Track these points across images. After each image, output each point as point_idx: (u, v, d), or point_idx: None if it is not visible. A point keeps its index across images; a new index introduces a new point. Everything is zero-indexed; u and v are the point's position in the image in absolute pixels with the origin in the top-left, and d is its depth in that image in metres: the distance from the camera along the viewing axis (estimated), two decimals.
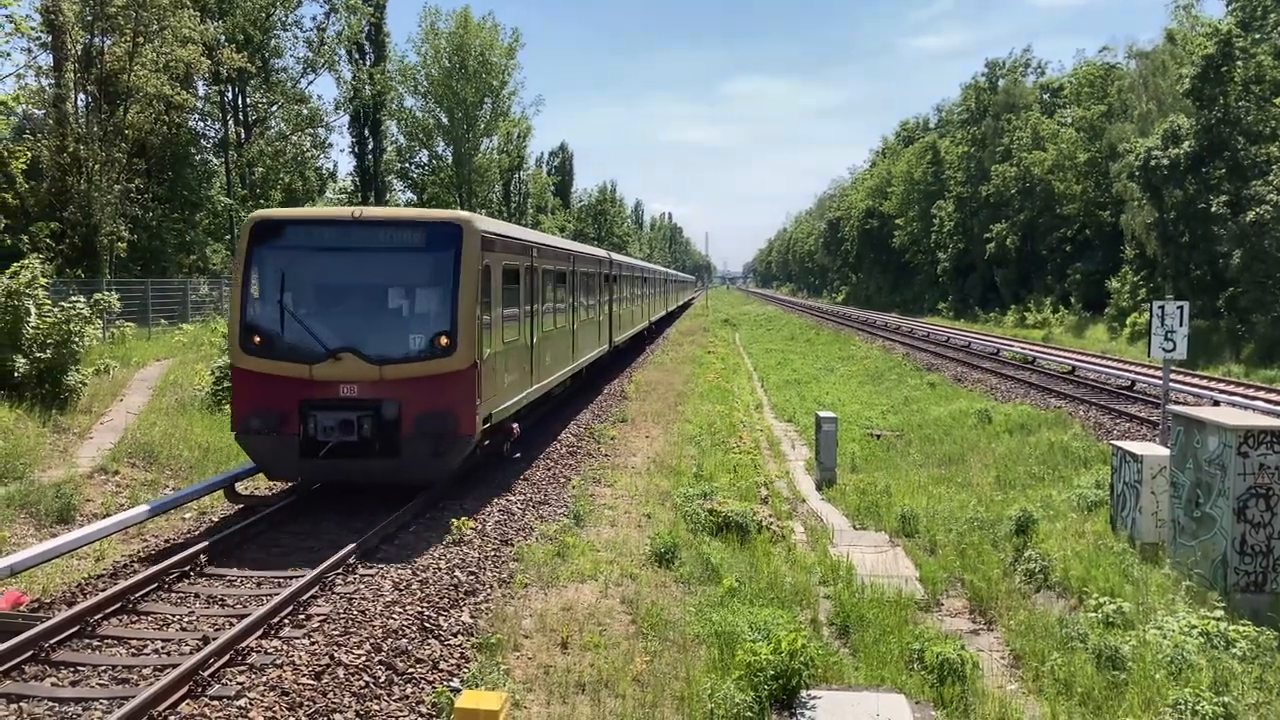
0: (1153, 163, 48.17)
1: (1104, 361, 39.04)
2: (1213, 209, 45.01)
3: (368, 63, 56.82)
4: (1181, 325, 16.35)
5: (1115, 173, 59.02)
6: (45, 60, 33.11)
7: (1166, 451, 13.49)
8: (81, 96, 33.75)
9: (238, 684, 8.57)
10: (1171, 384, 18.30)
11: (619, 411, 25.54)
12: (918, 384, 35.99)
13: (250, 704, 8.16)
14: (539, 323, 19.40)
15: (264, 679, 8.61)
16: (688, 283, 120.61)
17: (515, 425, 17.38)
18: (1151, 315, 16.80)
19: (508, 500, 15.70)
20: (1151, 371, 31.84)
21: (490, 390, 15.21)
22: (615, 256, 36.44)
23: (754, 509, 15.11)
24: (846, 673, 9.59)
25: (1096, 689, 9.12)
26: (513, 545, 13.18)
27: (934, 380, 36.44)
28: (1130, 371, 33.51)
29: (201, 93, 43.70)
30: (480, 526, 13.89)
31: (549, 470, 18.31)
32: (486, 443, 16.09)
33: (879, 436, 24.28)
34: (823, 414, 19.44)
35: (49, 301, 20.44)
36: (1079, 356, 41.43)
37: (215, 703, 8.16)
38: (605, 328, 31.13)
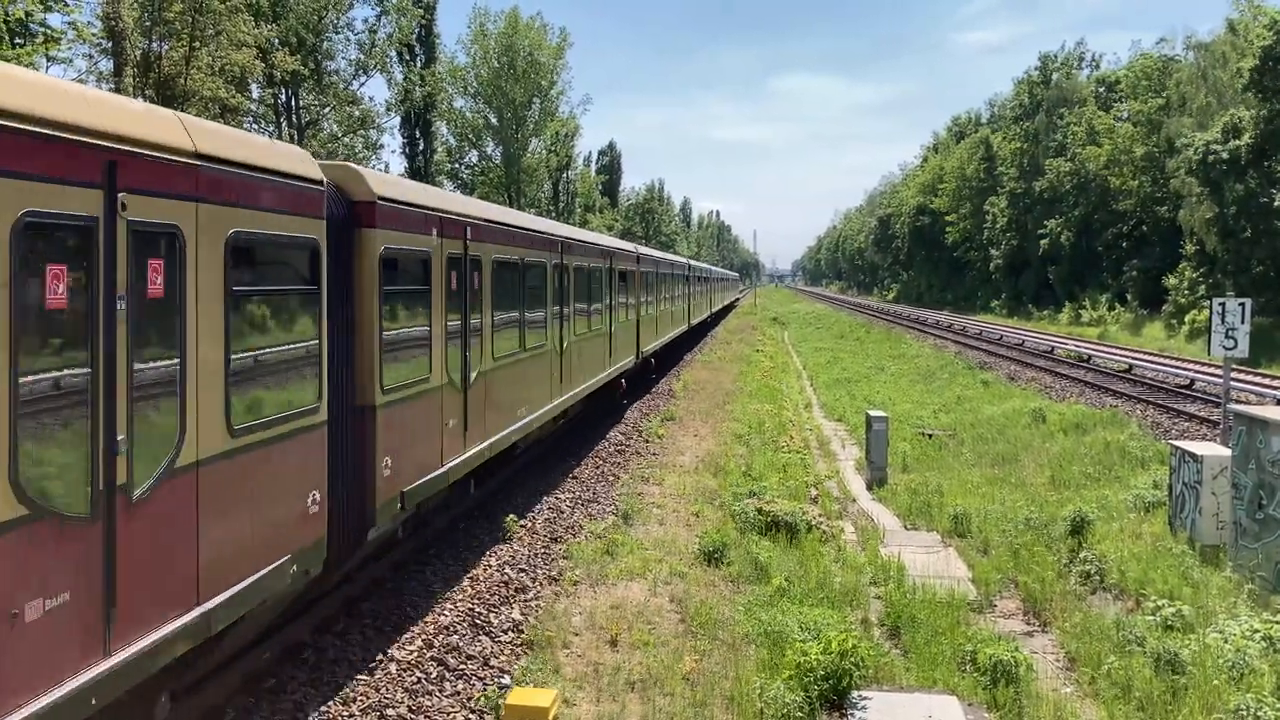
0: (1211, 157, 47.12)
1: (1162, 360, 38.27)
2: (1275, 203, 43.92)
3: (418, 64, 57.39)
4: (1243, 322, 15.99)
5: (1173, 168, 57.84)
6: (106, 65, 33.85)
7: (1228, 452, 13.19)
8: (140, 100, 34.39)
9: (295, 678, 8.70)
10: (1233, 382, 17.93)
11: (667, 410, 25.53)
12: (970, 383, 35.56)
13: (305, 699, 8.28)
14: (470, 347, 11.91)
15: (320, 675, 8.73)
16: (730, 281, 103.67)
17: None
18: (1211, 312, 16.45)
19: (556, 498, 15.77)
20: (1211, 370, 31.15)
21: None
22: (641, 250, 30.08)
23: (803, 508, 15.04)
24: (898, 673, 9.51)
25: (1155, 693, 8.95)
26: (562, 543, 13.23)
27: (987, 379, 35.98)
28: (1189, 370, 32.81)
29: (255, 96, 44.41)
30: (530, 524, 13.97)
31: (597, 468, 18.35)
32: None
33: (931, 436, 24.03)
34: (873, 413, 19.28)
35: None
36: (1136, 354, 40.66)
37: (271, 696, 8.28)
38: (622, 339, 24.40)
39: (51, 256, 5.24)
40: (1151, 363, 36.58)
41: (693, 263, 53.12)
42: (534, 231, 15.39)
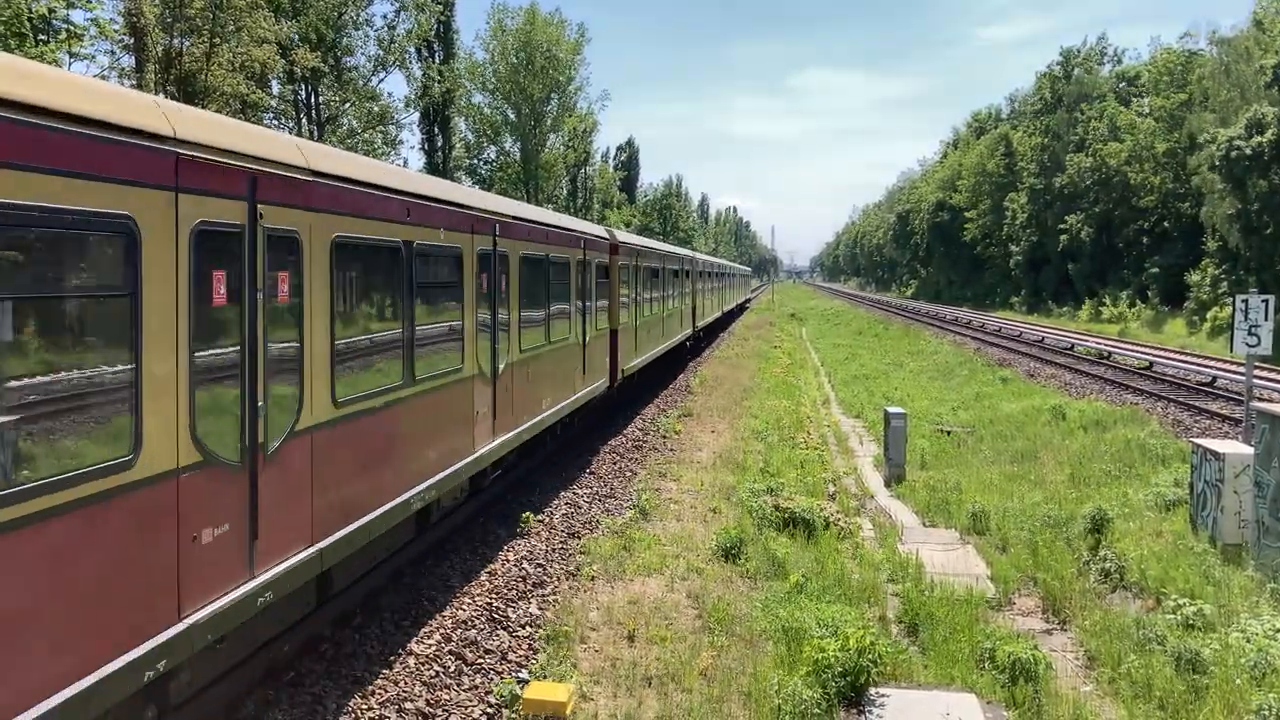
0: (1235, 153, 46.72)
1: (1183, 357, 37.98)
2: None
3: (437, 60, 57.53)
4: (1266, 319, 15.84)
5: (1195, 164, 57.36)
6: (127, 62, 34.08)
7: (1250, 450, 13.09)
8: (162, 95, 34.64)
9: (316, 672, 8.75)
10: (1255, 380, 17.77)
11: (684, 406, 25.52)
12: (989, 379, 35.39)
13: (324, 692, 8.33)
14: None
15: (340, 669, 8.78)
16: (741, 278, 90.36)
17: None
18: (1234, 309, 16.30)
19: (574, 493, 15.79)
20: (1234, 367, 30.88)
21: None
22: (624, 237, 24.36)
23: (821, 505, 15.01)
24: (916, 671, 9.49)
25: (1176, 693, 8.89)
26: (579, 538, 13.25)
27: (1006, 376, 35.80)
28: (1211, 367, 32.54)
29: (276, 92, 44.60)
30: (547, 519, 14.00)
31: (614, 464, 18.37)
32: None
33: (949, 433, 23.93)
34: (891, 409, 19.22)
35: None
36: (1157, 352, 40.36)
37: (291, 688, 8.33)
38: (589, 357, 18.79)
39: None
40: (1173, 360, 36.31)
41: (698, 255, 46.00)
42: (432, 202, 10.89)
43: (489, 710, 8.31)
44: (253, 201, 6.90)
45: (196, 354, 6.29)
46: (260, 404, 7.00)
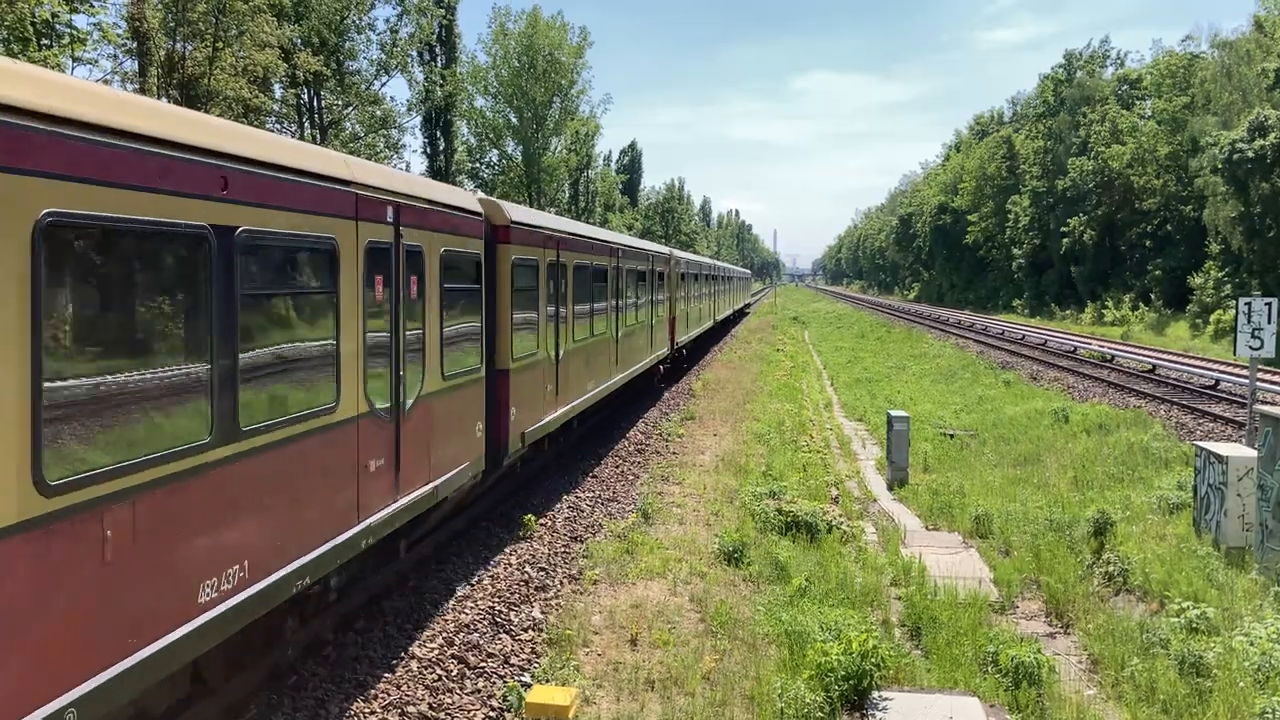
0: (1237, 155, 46.72)
1: (1186, 360, 37.94)
2: None
3: (439, 64, 57.60)
4: (1270, 322, 15.83)
5: (1197, 166, 57.35)
6: (130, 66, 34.14)
7: (1253, 453, 13.07)
8: (164, 99, 34.69)
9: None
10: (1259, 383, 17.76)
11: (687, 409, 25.52)
12: (992, 382, 35.38)
13: (327, 695, 8.33)
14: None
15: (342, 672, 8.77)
16: (740, 281, 79.50)
17: None
18: (1238, 312, 16.29)
19: (577, 497, 15.78)
20: (1237, 370, 30.86)
21: None
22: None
23: (824, 508, 15.00)
24: (919, 674, 9.48)
25: (1179, 696, 8.88)
26: (582, 542, 13.25)
27: (1009, 379, 35.78)
28: (1214, 370, 32.51)
29: (278, 95, 44.66)
30: (550, 523, 13.99)
31: (617, 468, 18.36)
32: None
33: (952, 436, 23.91)
34: (894, 413, 19.21)
35: None
36: (1160, 355, 40.32)
37: (294, 692, 8.33)
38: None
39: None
40: (1176, 363, 36.27)
41: (680, 254, 34.79)
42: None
43: (491, 714, 8.31)
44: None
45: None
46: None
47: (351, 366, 8.42)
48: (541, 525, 13.70)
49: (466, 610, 10.44)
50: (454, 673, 9.01)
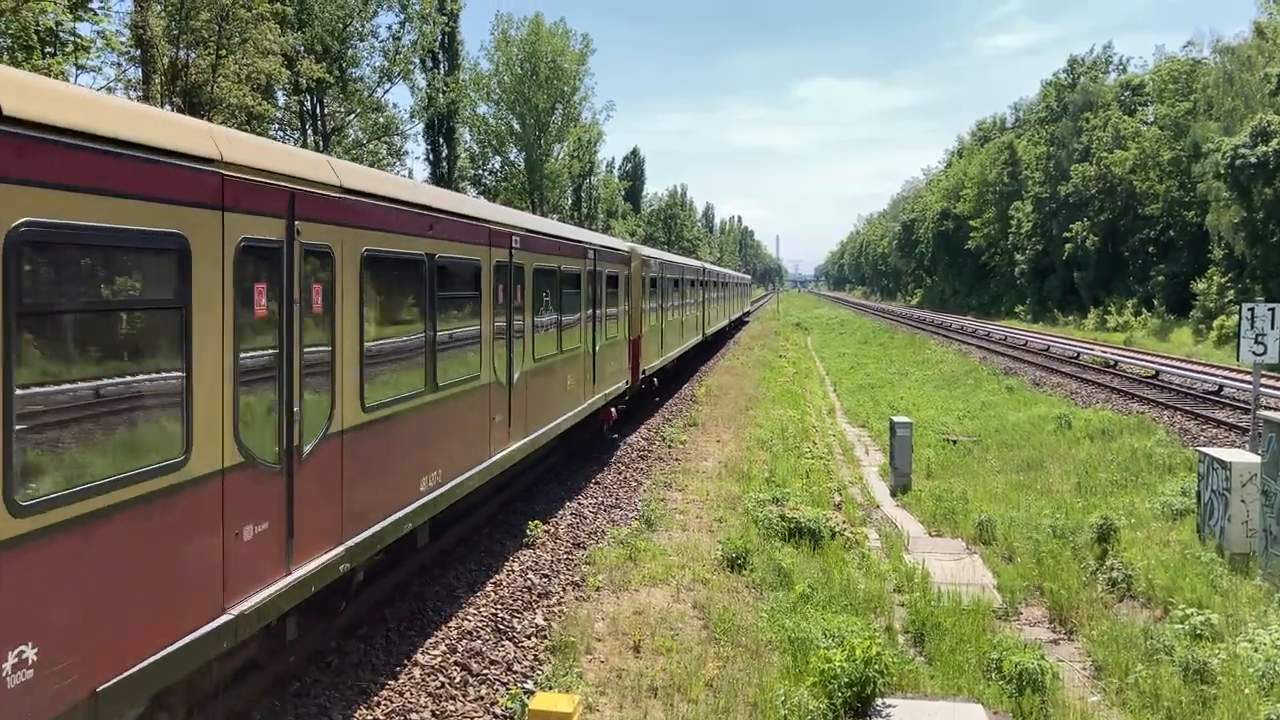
0: (1239, 161, 46.72)
1: (1189, 365, 37.91)
2: None
3: (442, 71, 57.71)
4: (1273, 328, 15.83)
5: (1200, 172, 57.35)
6: (134, 73, 34.22)
7: (1257, 459, 13.05)
8: (168, 107, 34.76)
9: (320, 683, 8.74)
10: (1262, 389, 17.73)
11: (689, 415, 25.51)
12: (995, 388, 35.35)
13: (330, 702, 8.33)
14: None
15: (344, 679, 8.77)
16: (739, 287, 70.64)
17: None
18: (1241, 318, 16.29)
19: (579, 503, 15.78)
20: (1240, 376, 30.82)
21: None
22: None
23: (827, 515, 14.98)
24: (922, 681, 9.46)
25: (1183, 703, 8.86)
26: (585, 548, 13.24)
27: (1012, 384, 35.76)
28: (1218, 376, 32.49)
29: (281, 103, 44.74)
30: (553, 530, 13.98)
31: (620, 474, 18.36)
32: None
33: (955, 442, 23.90)
34: (897, 419, 19.20)
35: None
36: (1163, 360, 40.29)
37: (297, 699, 8.33)
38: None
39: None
40: (1179, 368, 36.24)
41: (648, 252, 26.28)
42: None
43: None
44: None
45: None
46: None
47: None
48: (544, 532, 13.70)
49: (469, 617, 10.44)
50: (457, 680, 9.00)
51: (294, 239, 7.23)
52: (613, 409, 20.62)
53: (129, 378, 5.68)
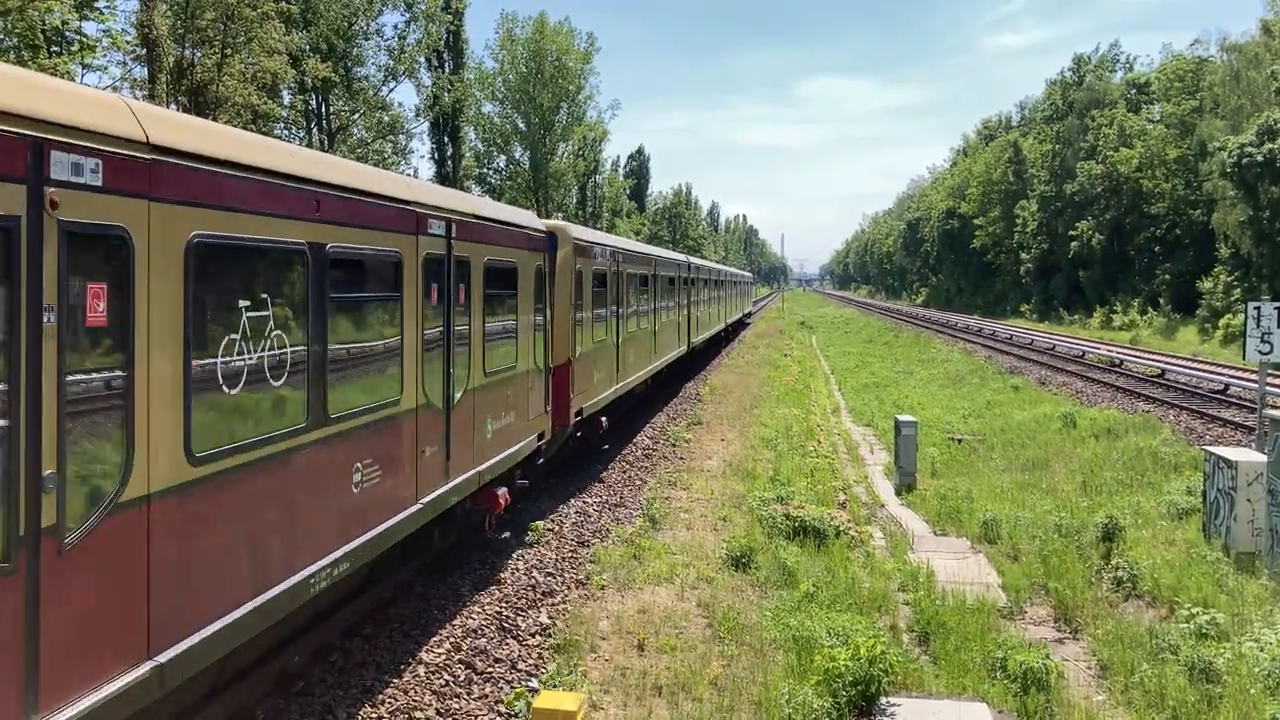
0: (1246, 159, 46.61)
1: (1195, 364, 37.82)
2: None
3: (447, 70, 57.73)
4: (1279, 327, 15.77)
5: (1206, 170, 57.22)
6: (139, 73, 34.26)
7: (1263, 457, 13.02)
8: (174, 106, 34.83)
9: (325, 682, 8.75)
10: (1268, 388, 17.68)
11: (694, 414, 25.51)
12: (1000, 387, 35.30)
13: (334, 701, 8.34)
14: None
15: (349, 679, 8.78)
16: (739, 285, 61.59)
17: None
18: (1247, 316, 16.23)
19: (584, 502, 15.78)
20: (1246, 375, 30.75)
21: None
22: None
23: (831, 513, 14.97)
24: (927, 680, 9.44)
25: (1189, 702, 8.83)
26: (589, 547, 13.24)
27: (1017, 384, 35.71)
28: (1223, 375, 32.41)
29: (286, 102, 44.78)
30: (557, 528, 13.99)
31: (624, 473, 18.36)
32: None
33: (960, 441, 23.86)
34: (902, 418, 19.17)
35: None
36: (1169, 359, 40.21)
37: (301, 698, 8.34)
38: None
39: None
40: (1184, 367, 36.16)
41: (581, 232, 17.85)
42: None
43: (498, 719, 8.30)
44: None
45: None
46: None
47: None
48: (549, 530, 13.70)
49: (474, 615, 10.44)
50: (461, 678, 9.00)
51: (47, 215, 4.91)
52: (501, 491, 12.24)
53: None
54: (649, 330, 24.31)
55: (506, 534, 12.76)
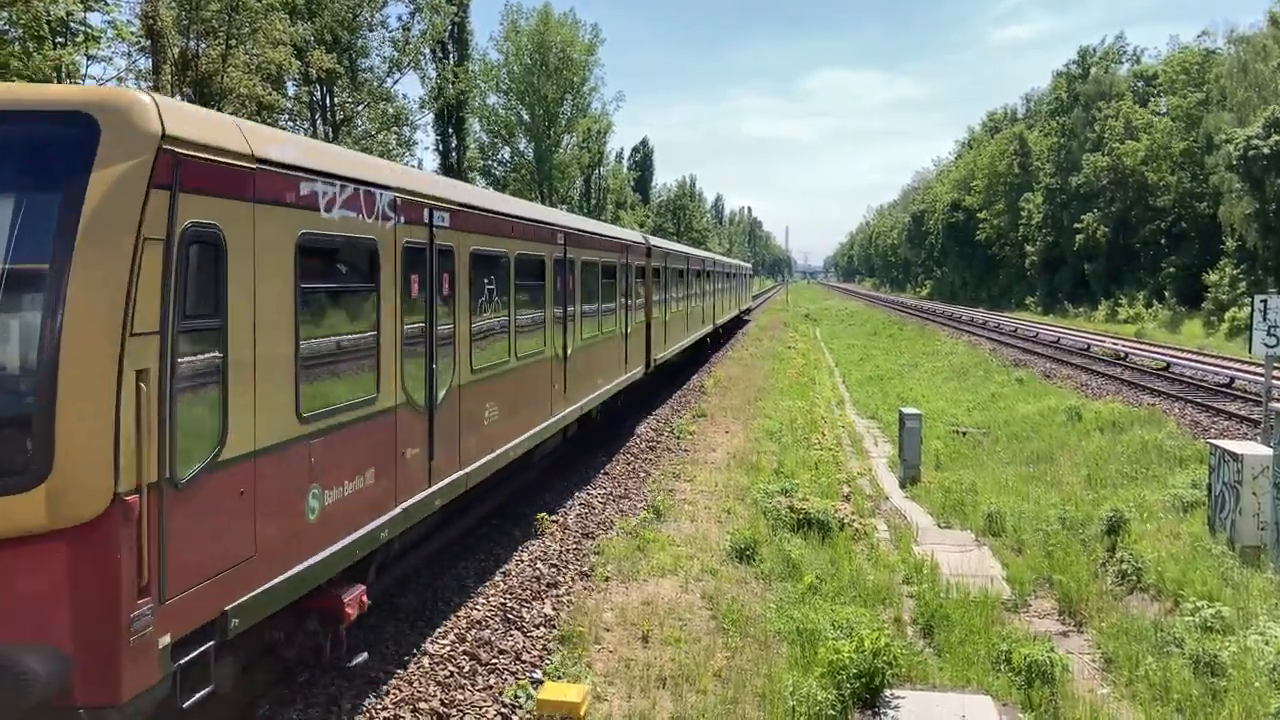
0: (1252, 152, 46.45)
1: (1201, 358, 37.72)
2: None
3: (451, 61, 57.63)
4: None
5: (1212, 163, 57.03)
6: (144, 64, 34.24)
7: (1269, 451, 12.99)
8: (178, 97, 34.82)
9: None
10: (1274, 381, 17.63)
11: (698, 407, 25.51)
12: (1005, 380, 35.25)
13: (340, 692, 8.36)
14: None
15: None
16: (724, 276, 47.84)
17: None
18: (1253, 309, 16.19)
19: (588, 494, 15.80)
20: (1252, 368, 30.66)
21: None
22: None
23: (835, 506, 14.97)
24: (931, 673, 9.45)
25: (1193, 696, 8.84)
26: (593, 539, 13.25)
27: (1022, 376, 35.66)
28: (1229, 368, 32.31)
29: (291, 93, 44.74)
30: (561, 520, 14.00)
31: (628, 465, 18.37)
32: None
33: (964, 434, 23.84)
34: (906, 410, 19.16)
35: None
36: (1174, 352, 40.10)
37: (306, 689, 8.36)
38: None
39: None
40: (1190, 361, 36.07)
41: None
42: None
43: (504, 710, 8.32)
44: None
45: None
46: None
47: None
48: (553, 522, 13.72)
49: (478, 607, 10.46)
50: (466, 669, 9.02)
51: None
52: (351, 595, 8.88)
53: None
54: (595, 327, 17.67)
55: (363, 656, 8.48)
